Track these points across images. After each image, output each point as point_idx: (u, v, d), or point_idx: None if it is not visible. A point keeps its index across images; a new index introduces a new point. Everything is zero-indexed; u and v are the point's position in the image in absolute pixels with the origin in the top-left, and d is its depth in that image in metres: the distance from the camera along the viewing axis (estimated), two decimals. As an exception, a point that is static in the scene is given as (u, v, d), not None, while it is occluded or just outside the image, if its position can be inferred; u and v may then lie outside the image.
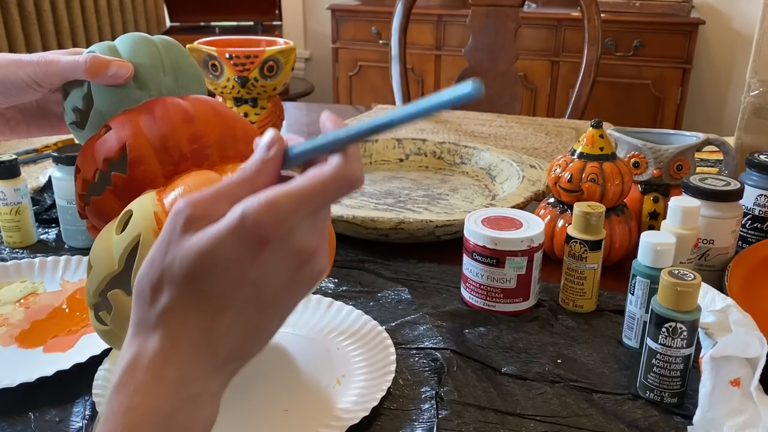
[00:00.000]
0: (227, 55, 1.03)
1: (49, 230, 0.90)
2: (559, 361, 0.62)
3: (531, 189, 0.89)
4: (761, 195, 0.77)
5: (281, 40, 1.11)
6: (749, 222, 0.78)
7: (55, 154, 0.82)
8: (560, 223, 0.77)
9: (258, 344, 0.38)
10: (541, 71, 2.67)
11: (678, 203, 0.67)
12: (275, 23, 3.37)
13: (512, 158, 1.01)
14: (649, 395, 0.56)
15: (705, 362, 0.53)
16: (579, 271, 0.68)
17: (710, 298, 0.59)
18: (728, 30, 2.74)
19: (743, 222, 0.78)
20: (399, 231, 0.79)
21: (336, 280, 0.76)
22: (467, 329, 0.66)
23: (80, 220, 0.82)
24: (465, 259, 0.70)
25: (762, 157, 0.78)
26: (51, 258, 0.78)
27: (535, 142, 1.27)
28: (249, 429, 0.53)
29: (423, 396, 0.57)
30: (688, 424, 0.52)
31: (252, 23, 3.32)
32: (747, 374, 0.52)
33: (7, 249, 0.85)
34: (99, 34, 2.73)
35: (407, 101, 1.68)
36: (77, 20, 2.62)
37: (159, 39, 0.54)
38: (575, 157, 0.77)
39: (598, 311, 0.70)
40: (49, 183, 0.98)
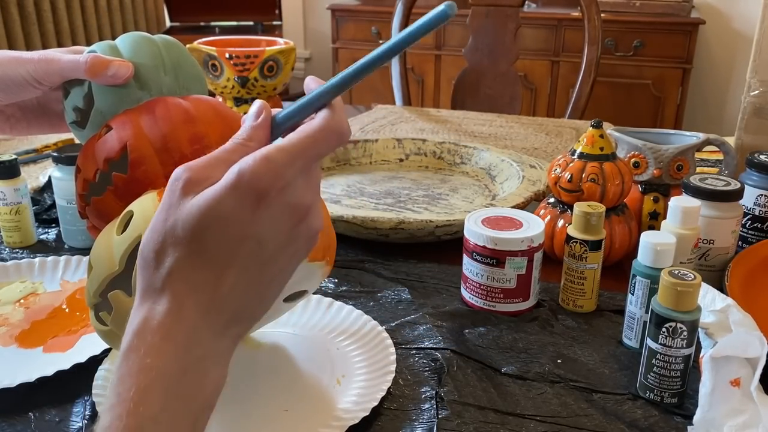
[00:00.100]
0: (227, 55, 1.03)
1: (49, 230, 0.90)
2: (559, 361, 0.62)
3: (531, 189, 0.89)
4: (761, 195, 0.77)
5: (281, 40, 1.11)
6: (749, 222, 0.78)
7: (55, 154, 0.82)
8: (560, 223, 0.77)
9: (262, 304, 0.39)
10: (541, 71, 2.67)
11: (678, 203, 0.67)
12: (275, 23, 3.37)
13: (512, 158, 1.01)
14: (649, 395, 0.56)
15: (705, 362, 0.53)
16: (579, 271, 0.68)
17: (710, 298, 0.59)
18: (728, 30, 2.74)
19: (743, 222, 0.78)
20: (399, 231, 0.79)
21: (336, 280, 0.76)
22: (467, 329, 0.66)
23: (80, 220, 0.83)
24: (465, 259, 0.70)
25: (762, 157, 0.78)
26: (51, 258, 0.78)
27: (535, 142, 1.27)
28: (249, 429, 0.53)
29: (423, 396, 0.57)
30: (688, 424, 0.52)
31: (252, 23, 3.32)
32: (747, 374, 0.52)
33: (7, 249, 0.85)
34: (99, 34, 2.73)
35: (407, 101, 1.69)
36: (77, 20, 2.62)
37: (160, 38, 0.54)
38: (575, 157, 0.77)
39: (598, 311, 0.70)
40: (49, 183, 0.98)
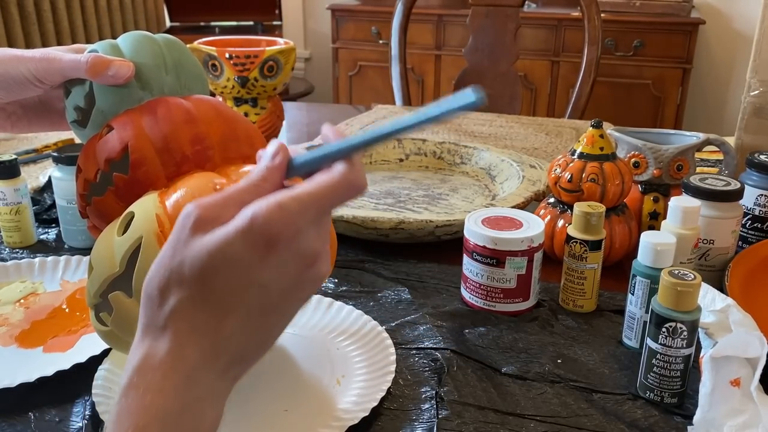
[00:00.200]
0: (227, 55, 1.03)
1: (49, 230, 0.90)
2: (559, 361, 0.62)
3: (531, 189, 0.89)
4: (761, 195, 0.77)
5: (281, 40, 1.11)
6: (749, 222, 0.78)
7: (55, 154, 0.82)
8: (560, 223, 0.77)
9: (262, 348, 0.39)
10: (541, 71, 2.67)
11: (678, 203, 0.67)
12: (275, 23, 3.37)
13: (512, 158, 1.01)
14: (649, 395, 0.56)
15: (705, 362, 0.53)
16: (579, 271, 0.68)
17: (710, 298, 0.59)
18: (728, 30, 2.74)
19: (743, 222, 0.78)
20: (399, 231, 0.79)
21: (336, 280, 0.76)
22: (467, 329, 0.66)
23: (80, 220, 0.83)
24: (465, 259, 0.70)
25: (762, 157, 0.78)
26: (51, 258, 0.78)
27: (535, 142, 1.27)
28: (249, 429, 0.53)
29: (423, 396, 0.57)
30: (688, 424, 0.52)
31: (252, 23, 3.32)
32: (747, 374, 0.52)
33: (7, 249, 0.84)
34: (99, 34, 2.73)
35: (407, 101, 1.69)
36: (77, 20, 2.62)
37: (161, 37, 0.54)
38: (575, 157, 0.77)
39: (598, 311, 0.70)
40: (49, 183, 0.98)
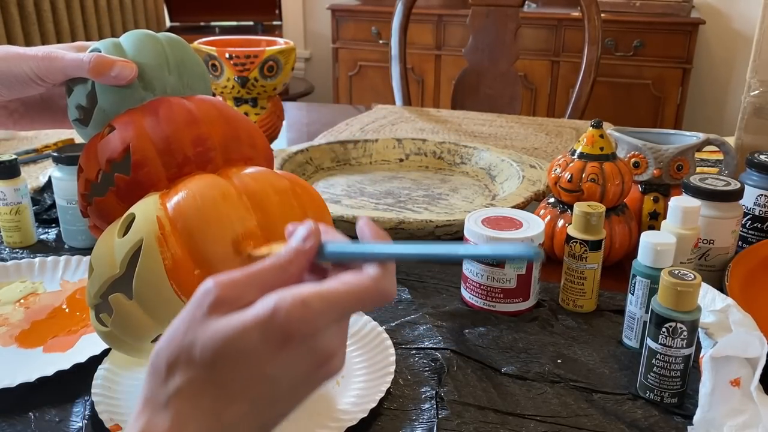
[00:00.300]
0: (227, 55, 1.03)
1: (49, 230, 0.90)
2: (559, 361, 0.62)
3: (531, 189, 0.89)
4: (761, 195, 0.77)
5: (281, 40, 1.11)
6: (749, 222, 0.78)
7: (55, 154, 0.82)
8: (560, 223, 0.77)
9: None
10: (541, 71, 2.67)
11: (678, 203, 0.67)
12: (275, 23, 3.37)
13: (512, 158, 1.01)
14: (649, 395, 0.56)
15: (705, 362, 0.53)
16: (579, 271, 0.68)
17: (710, 298, 0.59)
18: (728, 30, 2.74)
19: (743, 222, 0.78)
20: (399, 231, 0.79)
21: (336, 280, 0.75)
22: (467, 329, 0.66)
23: (80, 220, 0.83)
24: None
25: (762, 157, 0.78)
26: (51, 258, 0.78)
27: (535, 142, 1.27)
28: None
29: (423, 396, 0.57)
30: (688, 424, 0.52)
31: (252, 23, 3.32)
32: (747, 374, 0.52)
33: (7, 249, 0.84)
34: (99, 34, 2.73)
35: (407, 101, 1.69)
36: (77, 20, 2.62)
37: (164, 36, 0.53)
38: (575, 157, 0.77)
39: (598, 311, 0.70)
40: (49, 183, 0.98)
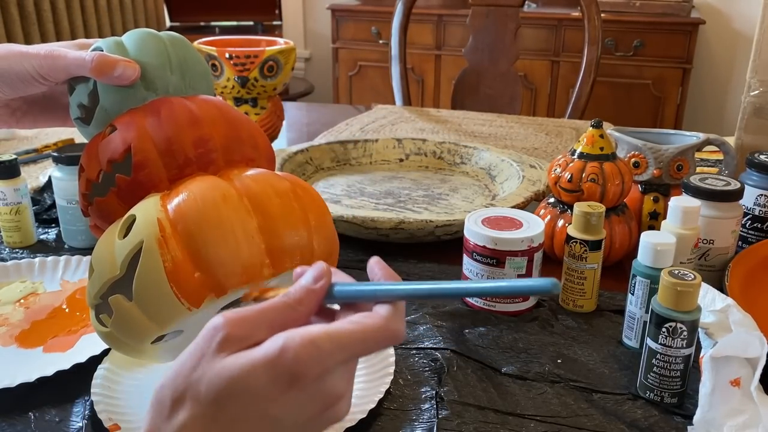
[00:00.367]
0: (227, 55, 1.03)
1: (49, 230, 0.90)
2: (559, 361, 0.62)
3: (531, 189, 0.89)
4: (761, 195, 0.77)
5: (281, 40, 1.11)
6: (749, 222, 0.78)
7: (55, 154, 0.82)
8: (560, 223, 0.77)
9: None
10: (541, 71, 2.67)
11: (678, 203, 0.67)
12: (275, 23, 3.37)
13: (512, 158, 1.01)
14: (649, 395, 0.56)
15: (705, 362, 0.53)
16: (579, 271, 0.68)
17: (710, 298, 0.59)
18: (728, 30, 2.74)
19: (743, 222, 0.78)
20: (399, 231, 0.79)
21: (336, 280, 0.75)
22: (467, 329, 0.66)
23: (80, 220, 0.83)
24: (465, 259, 0.70)
25: (762, 157, 0.78)
26: (51, 258, 0.78)
27: (535, 142, 1.27)
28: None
29: (423, 396, 0.57)
30: (688, 424, 0.52)
31: (252, 23, 3.32)
32: (747, 374, 0.52)
33: (7, 249, 0.84)
34: (99, 34, 2.73)
35: (407, 101, 1.68)
36: (77, 20, 2.62)
37: (166, 35, 0.53)
38: (575, 157, 0.77)
39: (598, 311, 0.70)
40: (49, 183, 0.98)
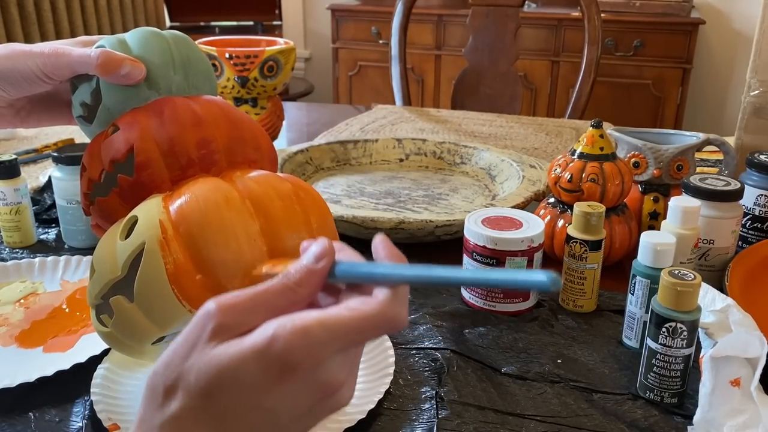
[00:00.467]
0: (227, 55, 1.03)
1: (49, 230, 0.90)
2: (559, 361, 0.62)
3: (531, 189, 0.89)
4: (761, 195, 0.77)
5: (281, 40, 1.11)
6: (749, 222, 0.78)
7: (55, 154, 0.82)
8: (560, 223, 0.77)
9: None
10: (541, 71, 2.67)
11: (678, 203, 0.67)
12: (275, 23, 3.37)
13: (512, 158, 1.01)
14: (649, 395, 0.56)
15: (705, 362, 0.53)
16: (579, 271, 0.68)
17: (710, 298, 0.59)
18: (728, 30, 2.74)
19: (743, 222, 0.78)
20: (399, 231, 0.79)
21: (336, 280, 0.75)
22: (467, 329, 0.66)
23: (80, 220, 0.83)
24: (465, 259, 0.70)
25: (762, 157, 0.78)
26: (51, 258, 0.77)
27: (535, 142, 1.27)
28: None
29: (423, 396, 0.57)
30: (688, 424, 0.52)
31: (252, 23, 3.32)
32: (747, 374, 0.52)
33: (7, 249, 0.84)
34: (99, 34, 2.73)
35: (407, 101, 1.69)
36: (77, 20, 2.62)
37: (170, 34, 0.53)
38: (575, 157, 0.77)
39: (598, 311, 0.70)
40: (49, 183, 0.98)
